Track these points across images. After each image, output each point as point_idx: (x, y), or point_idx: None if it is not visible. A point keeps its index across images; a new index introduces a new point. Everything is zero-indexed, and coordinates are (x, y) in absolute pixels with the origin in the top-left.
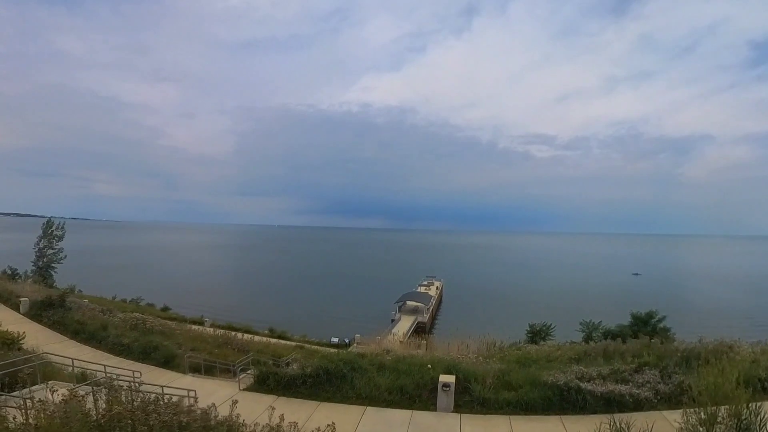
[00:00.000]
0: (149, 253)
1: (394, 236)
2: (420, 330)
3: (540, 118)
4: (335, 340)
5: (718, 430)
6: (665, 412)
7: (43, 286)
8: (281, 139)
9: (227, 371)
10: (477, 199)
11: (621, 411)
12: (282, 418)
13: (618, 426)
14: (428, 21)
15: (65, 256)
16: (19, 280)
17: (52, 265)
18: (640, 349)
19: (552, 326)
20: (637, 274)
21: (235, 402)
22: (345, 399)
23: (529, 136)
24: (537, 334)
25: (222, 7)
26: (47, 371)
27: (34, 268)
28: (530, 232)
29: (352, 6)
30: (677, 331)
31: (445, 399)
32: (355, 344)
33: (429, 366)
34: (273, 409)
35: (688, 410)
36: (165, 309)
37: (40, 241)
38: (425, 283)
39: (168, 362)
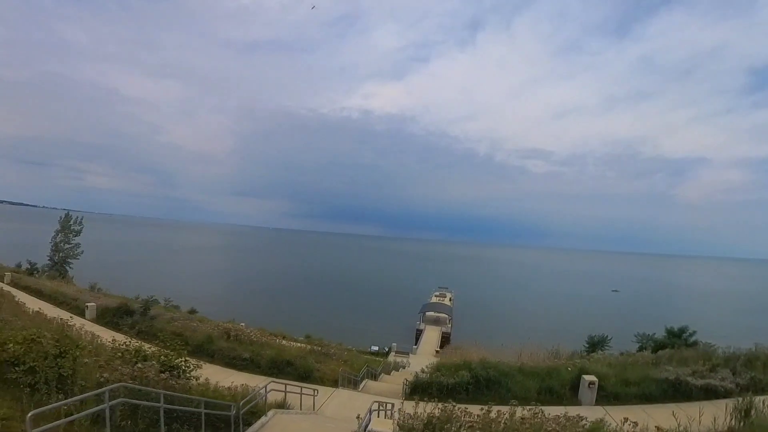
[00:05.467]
0: (154, 250)
1: (390, 244)
2: (444, 340)
3: (537, 133)
4: (375, 348)
5: None
6: (756, 397)
7: (104, 293)
8: (280, 141)
9: (349, 381)
10: (472, 210)
11: (716, 398)
12: None
13: (737, 406)
14: (434, 32)
15: (82, 252)
16: (37, 275)
17: (68, 260)
18: (696, 357)
19: (609, 338)
20: (616, 290)
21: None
22: (503, 401)
23: (525, 150)
24: (596, 345)
25: (233, 6)
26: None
27: (49, 262)
28: (524, 246)
29: (361, 13)
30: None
31: (589, 395)
32: (393, 353)
33: (569, 368)
34: None
35: None
36: (192, 311)
37: (57, 235)
38: (438, 293)
39: (305, 377)
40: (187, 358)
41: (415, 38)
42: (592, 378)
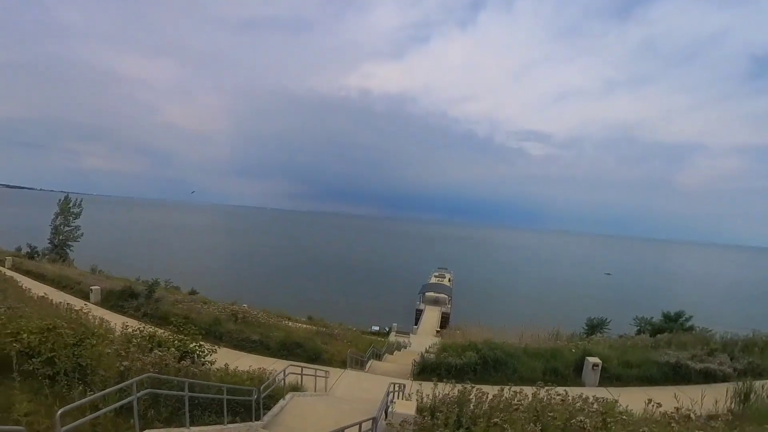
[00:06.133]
0: (152, 231)
1: (389, 224)
2: (444, 321)
3: (537, 115)
4: (376, 328)
5: None
6: (755, 382)
7: (105, 275)
8: (278, 121)
9: (356, 362)
10: (470, 191)
11: (715, 382)
12: None
13: (737, 390)
14: (434, 11)
15: (82, 234)
16: (37, 258)
17: (69, 243)
18: (695, 341)
19: (608, 321)
20: (608, 273)
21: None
22: (510, 381)
23: (524, 132)
24: (595, 327)
25: None
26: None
27: (49, 245)
28: (521, 228)
29: None
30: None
31: (592, 376)
32: (394, 333)
33: (573, 350)
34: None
35: None
36: (192, 292)
37: (56, 218)
38: (437, 274)
39: (314, 359)
40: (201, 343)
41: (415, 17)
42: (596, 360)
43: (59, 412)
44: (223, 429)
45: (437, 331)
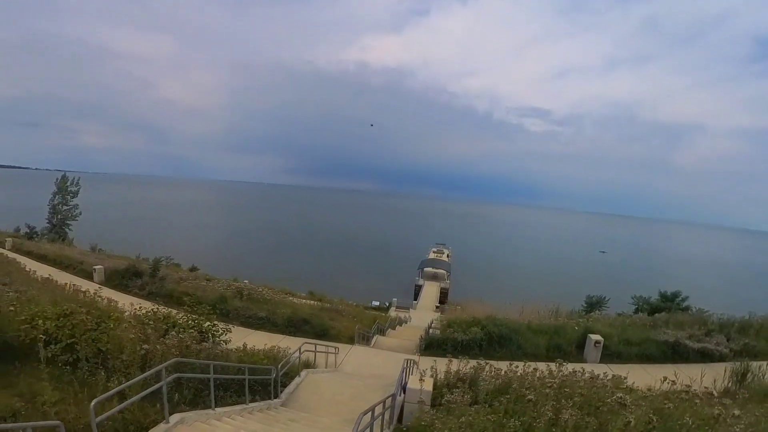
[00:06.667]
0: (150, 209)
1: (386, 200)
2: (443, 296)
3: (537, 91)
4: (376, 303)
5: None
6: (752, 363)
7: (106, 254)
8: (275, 96)
9: (362, 338)
10: (469, 167)
11: (711, 361)
12: None
13: (735, 369)
14: None
15: (80, 213)
16: (36, 239)
17: (67, 222)
18: (692, 321)
19: (607, 299)
20: (603, 252)
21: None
22: (515, 357)
23: (524, 108)
24: (594, 305)
25: None
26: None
27: (48, 225)
28: (519, 205)
29: None
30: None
31: (594, 353)
32: (394, 308)
33: (575, 327)
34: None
35: None
36: (193, 269)
37: (54, 197)
38: (435, 249)
39: (321, 335)
40: (216, 323)
41: None
42: (598, 337)
43: (93, 402)
44: (245, 408)
45: (437, 307)
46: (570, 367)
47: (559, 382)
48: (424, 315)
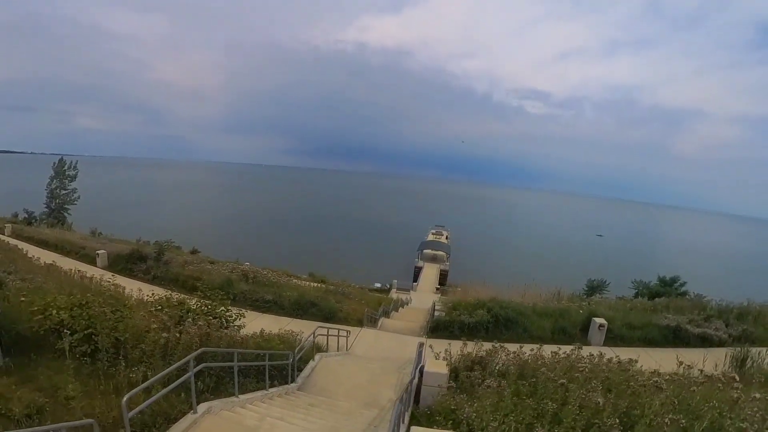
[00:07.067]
0: (147, 191)
1: (384, 181)
2: (443, 278)
3: (537, 74)
4: (377, 285)
5: None
6: (752, 349)
7: (107, 238)
8: (272, 77)
9: (369, 320)
10: (467, 149)
11: (711, 346)
12: None
13: (735, 355)
14: None
15: (79, 197)
16: (35, 224)
17: (65, 206)
18: (692, 306)
19: (608, 283)
20: (600, 235)
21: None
22: (520, 339)
23: (524, 90)
24: (595, 289)
25: None
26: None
27: (46, 210)
28: (517, 187)
29: None
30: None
31: (598, 335)
32: (394, 290)
33: (580, 311)
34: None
35: None
36: (194, 251)
37: (52, 181)
38: (434, 231)
39: (329, 318)
40: (229, 308)
41: None
42: (602, 321)
43: (125, 398)
44: (266, 394)
45: (437, 288)
46: (586, 350)
47: (590, 366)
48: (424, 297)
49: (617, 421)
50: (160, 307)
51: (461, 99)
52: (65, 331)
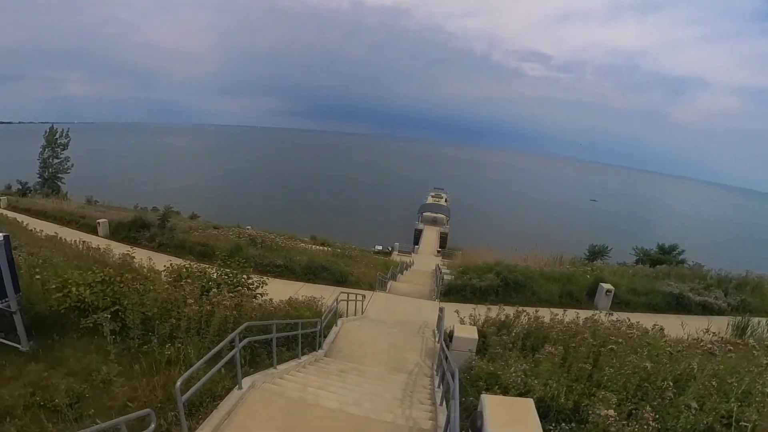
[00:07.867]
0: (141, 157)
1: (382, 143)
2: (443, 241)
3: (538, 35)
4: (379, 247)
5: None
6: (753, 318)
7: (105, 206)
8: (265, 35)
9: (378, 284)
10: (465, 111)
11: (711, 314)
12: None
13: (736, 323)
14: None
15: (72, 165)
16: (30, 195)
17: (59, 175)
18: (692, 275)
19: (609, 248)
20: (594, 200)
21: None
22: (528, 303)
23: (524, 52)
24: (596, 254)
25: None
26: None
27: (39, 180)
28: (515, 150)
29: None
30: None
31: (605, 301)
32: (396, 252)
33: (588, 276)
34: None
35: None
36: (193, 216)
37: (44, 150)
38: (433, 194)
39: (341, 281)
40: (251, 276)
41: None
42: (609, 286)
43: (179, 381)
44: (299, 362)
45: (438, 251)
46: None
47: (624, 333)
48: (426, 259)
49: (671, 384)
50: (184, 278)
51: (459, 59)
52: (89, 309)
